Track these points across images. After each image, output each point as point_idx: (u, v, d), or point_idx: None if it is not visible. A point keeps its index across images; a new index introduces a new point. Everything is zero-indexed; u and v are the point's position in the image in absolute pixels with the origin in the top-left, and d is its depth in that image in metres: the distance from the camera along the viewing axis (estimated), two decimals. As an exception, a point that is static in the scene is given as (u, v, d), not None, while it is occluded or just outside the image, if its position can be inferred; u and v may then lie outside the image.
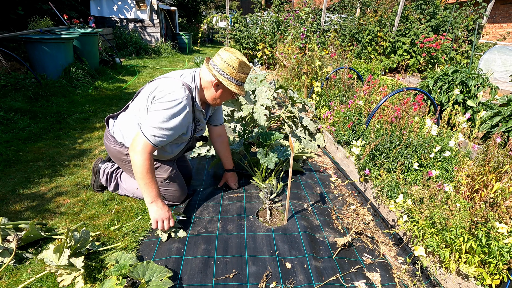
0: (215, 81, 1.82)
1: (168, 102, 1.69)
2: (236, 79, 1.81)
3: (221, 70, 1.78)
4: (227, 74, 1.78)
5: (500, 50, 5.89)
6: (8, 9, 5.95)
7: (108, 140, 1.99)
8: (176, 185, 2.07)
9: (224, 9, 16.63)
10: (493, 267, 1.43)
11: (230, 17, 8.34)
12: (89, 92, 4.85)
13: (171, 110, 1.69)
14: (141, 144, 1.68)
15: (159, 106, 1.70)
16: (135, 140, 1.71)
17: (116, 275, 1.35)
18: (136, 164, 1.68)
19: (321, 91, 3.97)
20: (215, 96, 1.89)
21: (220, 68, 1.78)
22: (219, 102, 1.95)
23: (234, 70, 1.78)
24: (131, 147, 1.71)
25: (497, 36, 9.87)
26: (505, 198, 1.59)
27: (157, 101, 1.72)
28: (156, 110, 1.70)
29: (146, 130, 1.68)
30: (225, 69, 1.77)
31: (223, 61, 1.77)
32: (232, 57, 1.76)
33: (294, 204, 2.20)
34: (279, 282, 1.53)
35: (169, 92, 1.71)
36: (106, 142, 2.00)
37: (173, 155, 2.02)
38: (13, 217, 1.88)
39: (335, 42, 7.45)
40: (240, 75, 1.81)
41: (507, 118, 2.90)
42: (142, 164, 1.67)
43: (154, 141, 1.69)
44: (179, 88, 1.74)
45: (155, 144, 1.70)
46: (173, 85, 1.75)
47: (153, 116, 1.70)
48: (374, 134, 2.46)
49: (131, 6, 9.70)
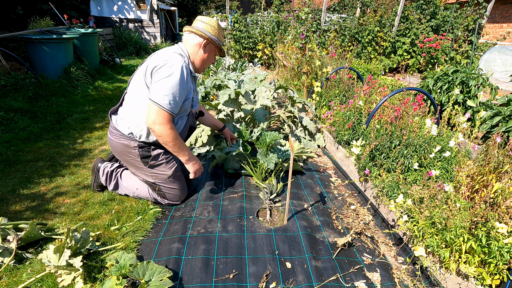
0: (203, 41, 1.97)
1: (170, 68, 1.79)
2: (218, 39, 2.02)
3: (206, 31, 1.96)
4: (212, 34, 1.98)
5: (500, 50, 5.89)
6: (8, 9, 5.95)
7: (113, 135, 1.97)
8: (178, 184, 2.08)
9: (224, 9, 16.63)
10: (493, 267, 1.43)
11: (230, 17, 8.33)
12: (89, 92, 4.85)
13: (175, 74, 1.79)
14: (160, 116, 1.77)
15: (163, 74, 1.79)
16: (151, 114, 1.77)
17: (116, 275, 1.35)
18: (163, 136, 1.82)
19: (321, 91, 3.97)
20: (204, 58, 2.03)
21: (204, 29, 1.96)
22: (205, 65, 2.09)
23: (216, 31, 2.00)
24: (151, 123, 1.79)
25: (497, 36, 9.87)
26: (505, 198, 1.59)
27: (159, 71, 1.80)
28: (161, 79, 1.78)
29: (160, 99, 1.76)
30: (210, 30, 1.97)
31: (205, 23, 1.97)
32: (212, 19, 1.99)
33: (294, 204, 2.20)
34: (279, 282, 1.53)
35: (167, 59, 1.82)
36: (111, 138, 1.99)
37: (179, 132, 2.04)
38: (13, 217, 1.88)
39: (335, 42, 7.45)
40: (220, 36, 2.04)
41: (507, 118, 2.89)
42: (169, 134, 1.81)
43: (170, 109, 1.79)
44: (175, 55, 1.87)
45: (172, 112, 1.80)
46: (168, 54, 1.87)
47: (160, 85, 1.78)
48: (374, 134, 2.46)
49: (131, 6, 9.71)
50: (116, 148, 1.99)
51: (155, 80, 1.80)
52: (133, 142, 1.92)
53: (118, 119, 1.98)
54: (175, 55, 1.87)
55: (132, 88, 1.92)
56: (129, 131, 1.92)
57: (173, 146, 1.88)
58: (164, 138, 1.83)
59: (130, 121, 1.90)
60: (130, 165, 2.04)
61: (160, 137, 1.83)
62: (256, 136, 2.40)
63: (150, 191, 2.09)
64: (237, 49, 8.18)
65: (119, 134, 1.94)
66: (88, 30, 6.09)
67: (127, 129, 1.92)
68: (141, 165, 1.99)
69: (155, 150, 1.98)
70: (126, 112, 1.93)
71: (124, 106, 1.97)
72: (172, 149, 1.90)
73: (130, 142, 1.93)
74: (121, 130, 1.94)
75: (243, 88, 3.16)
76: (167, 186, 2.05)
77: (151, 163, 1.98)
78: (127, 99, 1.95)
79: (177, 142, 1.88)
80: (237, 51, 8.23)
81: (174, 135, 1.85)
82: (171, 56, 1.85)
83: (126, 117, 1.93)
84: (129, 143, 1.93)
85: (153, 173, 2.01)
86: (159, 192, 2.07)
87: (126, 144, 1.94)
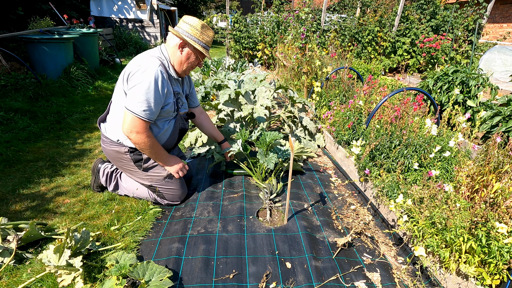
0: (180, 42, 1.88)
1: (144, 73, 1.75)
2: (201, 40, 1.91)
3: (185, 31, 1.87)
4: (191, 35, 1.87)
5: (500, 50, 5.88)
6: (8, 9, 5.95)
7: (104, 143, 1.99)
8: (176, 184, 2.07)
9: (224, 9, 16.64)
10: (493, 267, 1.43)
11: (230, 17, 8.33)
12: (89, 92, 4.85)
13: (148, 80, 1.74)
14: (135, 124, 1.75)
15: (136, 80, 1.75)
16: (127, 122, 1.76)
17: (116, 275, 1.35)
18: (139, 144, 1.82)
19: (321, 91, 3.97)
20: (182, 60, 1.94)
21: (184, 30, 1.88)
22: (187, 67, 1.98)
23: (198, 31, 1.88)
24: (126, 131, 1.77)
25: (497, 36, 9.86)
26: (505, 198, 1.59)
27: (132, 77, 1.77)
28: (134, 86, 1.75)
29: (135, 107, 1.73)
30: (189, 30, 1.87)
31: (186, 24, 1.88)
32: (195, 20, 1.89)
33: (294, 204, 2.20)
34: (279, 282, 1.53)
35: (141, 64, 1.78)
36: (103, 145, 2.01)
37: (166, 136, 2.03)
38: (13, 217, 1.88)
39: (335, 42, 7.44)
40: (203, 36, 1.91)
41: (507, 118, 2.89)
42: (145, 142, 1.81)
43: (145, 116, 1.76)
44: (150, 59, 1.82)
45: (147, 119, 1.77)
46: (143, 59, 1.83)
47: (134, 92, 1.74)
48: (374, 134, 2.46)
49: (131, 6, 9.70)
50: (109, 155, 2.01)
51: (129, 87, 1.78)
52: (123, 148, 1.92)
53: (107, 126, 1.99)
54: (152, 59, 1.82)
55: (115, 95, 1.93)
56: (117, 137, 1.93)
57: (150, 153, 1.89)
58: (140, 145, 1.83)
59: (116, 128, 1.92)
60: (125, 170, 2.06)
61: (137, 145, 1.83)
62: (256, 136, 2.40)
63: (149, 192, 2.09)
64: (237, 49, 8.18)
65: (109, 141, 1.95)
66: (88, 30, 6.09)
67: (115, 136, 1.93)
68: (135, 169, 2.00)
69: None
70: (112, 119, 1.94)
71: (110, 114, 1.98)
72: (149, 155, 1.92)
73: (121, 148, 1.93)
74: (110, 137, 1.95)
75: (243, 88, 3.16)
76: (164, 187, 2.05)
77: (144, 166, 1.98)
78: (112, 107, 1.96)
79: (154, 149, 1.88)
80: (237, 51, 8.23)
81: (150, 142, 1.84)
82: (145, 60, 1.80)
83: (113, 124, 1.94)
84: (119, 149, 1.93)
85: (148, 176, 2.01)
86: (158, 193, 2.07)
87: (117, 150, 1.95)
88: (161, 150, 1.94)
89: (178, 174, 2.05)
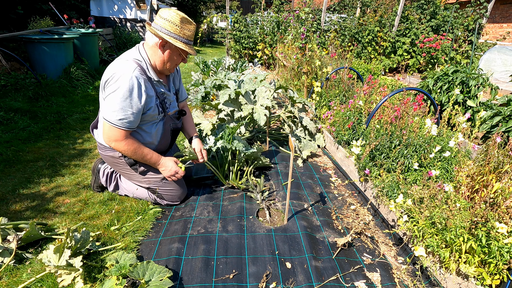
0: (160, 41, 1.76)
1: (118, 81, 1.66)
2: (181, 36, 1.76)
3: (163, 28, 1.73)
4: (170, 32, 1.73)
5: (500, 50, 5.89)
6: (8, 9, 5.94)
7: (99, 149, 2.00)
8: (174, 185, 2.07)
9: (224, 9, 16.62)
10: (493, 267, 1.43)
11: (230, 17, 8.33)
12: (89, 92, 4.85)
13: (123, 87, 1.66)
14: (114, 134, 1.72)
15: (111, 89, 1.68)
16: (105, 132, 1.74)
17: (116, 275, 1.35)
18: (121, 152, 1.80)
19: (321, 91, 3.97)
20: (164, 60, 1.83)
21: (162, 27, 1.73)
22: (170, 66, 1.88)
23: (177, 27, 1.73)
24: (106, 140, 1.75)
25: (497, 36, 9.86)
26: (505, 198, 1.59)
27: (107, 85, 1.71)
28: (110, 94, 1.69)
29: (110, 117, 1.69)
30: (167, 27, 1.72)
31: (163, 19, 1.73)
32: (172, 14, 1.72)
33: (294, 204, 2.20)
34: (279, 282, 1.53)
35: (114, 71, 1.68)
36: (99, 151, 2.01)
37: (157, 139, 1.99)
38: (13, 217, 1.87)
39: (335, 42, 7.45)
40: (184, 31, 1.76)
41: (507, 118, 2.89)
42: (125, 149, 1.79)
43: (122, 125, 1.71)
44: (124, 64, 1.71)
45: (125, 128, 1.72)
46: (117, 65, 1.72)
47: (110, 101, 1.69)
48: (374, 134, 2.46)
49: (131, 6, 9.70)
50: (106, 159, 2.01)
51: (105, 96, 1.73)
52: (117, 153, 1.91)
53: (98, 133, 1.98)
54: (126, 63, 1.72)
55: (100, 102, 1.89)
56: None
57: (136, 158, 1.86)
58: (123, 153, 1.83)
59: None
60: (123, 173, 2.06)
61: (121, 152, 1.83)
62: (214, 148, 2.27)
63: (149, 192, 2.09)
64: (237, 49, 8.18)
65: (102, 147, 1.95)
66: (88, 30, 6.09)
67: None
68: (132, 173, 1.99)
69: None
70: (100, 126, 1.92)
71: (99, 121, 1.97)
72: (138, 161, 1.89)
73: (115, 153, 1.92)
74: (102, 143, 1.93)
75: (243, 88, 3.16)
76: (163, 188, 2.04)
77: (140, 169, 1.98)
78: (99, 113, 1.94)
79: (138, 155, 1.83)
80: (237, 51, 8.23)
81: (132, 149, 1.79)
82: (119, 66, 1.70)
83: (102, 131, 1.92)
84: (113, 154, 1.93)
85: (146, 179, 2.01)
86: (157, 194, 2.07)
87: (111, 155, 1.94)
88: (147, 155, 1.86)
89: (171, 178, 1.99)
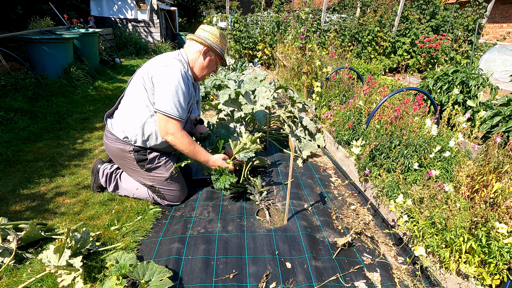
0: (204, 49, 2.00)
1: (170, 74, 1.80)
2: (220, 47, 2.05)
3: (207, 39, 1.99)
4: (213, 42, 2.01)
5: (500, 50, 5.89)
6: (7, 8, 5.94)
7: (108, 139, 1.97)
8: (177, 185, 2.07)
9: (224, 9, 16.63)
10: (493, 267, 1.43)
11: (230, 17, 8.34)
12: (89, 92, 4.85)
13: (176, 80, 1.80)
14: (170, 125, 1.80)
15: (164, 82, 1.79)
16: (161, 125, 1.81)
17: (116, 275, 1.35)
18: (177, 145, 1.86)
19: (321, 91, 3.97)
20: (203, 65, 2.04)
21: (206, 37, 2.00)
22: (207, 72, 2.10)
23: (218, 39, 2.03)
24: (163, 134, 1.83)
25: (497, 36, 9.87)
26: (505, 198, 1.59)
27: (160, 78, 1.80)
28: (163, 87, 1.79)
29: (167, 108, 1.78)
30: (211, 38, 2.01)
31: (207, 32, 2.02)
32: (214, 29, 2.03)
33: (294, 204, 2.20)
34: (279, 282, 1.53)
35: (167, 65, 1.84)
36: (107, 142, 1.99)
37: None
38: (13, 217, 1.88)
39: (335, 42, 7.45)
40: (222, 45, 2.06)
41: (507, 118, 2.89)
42: (182, 141, 1.85)
43: (178, 115, 1.80)
44: (174, 60, 1.88)
45: (180, 117, 1.82)
46: (168, 60, 1.88)
47: (163, 93, 1.79)
48: (374, 134, 2.46)
49: (131, 6, 9.71)
50: (112, 152, 1.99)
51: (157, 89, 1.81)
52: (128, 146, 1.92)
53: (113, 122, 1.98)
54: (175, 60, 1.88)
55: (129, 92, 1.92)
56: (124, 135, 1.91)
57: (188, 152, 1.92)
58: (179, 146, 1.87)
59: (125, 125, 1.90)
60: (126, 168, 2.05)
61: (175, 146, 1.87)
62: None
63: (149, 192, 2.09)
64: (237, 49, 8.18)
65: (114, 138, 1.94)
66: (88, 30, 6.09)
67: (122, 133, 1.91)
68: (138, 169, 1.99)
69: (151, 153, 1.98)
70: (122, 116, 1.93)
71: (120, 110, 1.97)
72: (187, 154, 1.94)
73: (126, 146, 1.92)
74: (116, 134, 1.93)
75: (243, 88, 3.16)
76: (165, 188, 2.04)
77: (147, 166, 1.98)
78: (124, 103, 1.95)
79: (191, 148, 1.91)
80: (237, 51, 8.23)
81: (187, 141, 1.88)
82: (170, 61, 1.86)
83: (121, 121, 1.92)
84: (124, 147, 1.92)
85: (151, 176, 2.01)
86: (158, 194, 2.07)
87: (121, 148, 1.93)
88: (197, 148, 1.96)
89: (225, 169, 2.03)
